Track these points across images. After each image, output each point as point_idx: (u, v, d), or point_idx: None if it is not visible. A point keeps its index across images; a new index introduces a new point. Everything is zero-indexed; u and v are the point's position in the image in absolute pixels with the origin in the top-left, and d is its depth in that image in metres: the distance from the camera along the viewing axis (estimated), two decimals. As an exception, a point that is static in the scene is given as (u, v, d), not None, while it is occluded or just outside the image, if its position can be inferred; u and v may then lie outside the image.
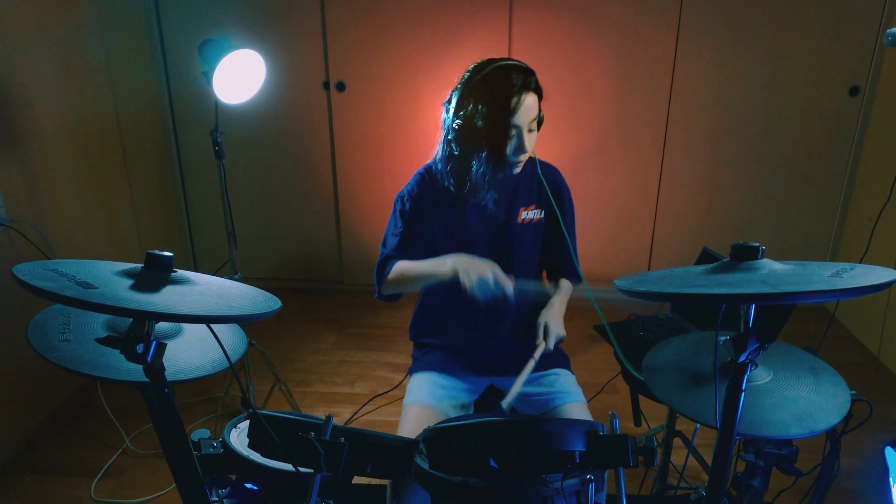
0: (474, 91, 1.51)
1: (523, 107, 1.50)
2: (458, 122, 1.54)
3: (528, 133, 1.54)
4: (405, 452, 1.16)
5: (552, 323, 1.63)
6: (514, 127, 1.51)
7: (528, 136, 1.55)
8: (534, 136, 1.57)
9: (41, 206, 2.42)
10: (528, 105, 1.51)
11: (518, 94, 1.48)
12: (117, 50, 2.88)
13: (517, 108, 1.49)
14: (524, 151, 1.55)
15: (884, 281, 0.82)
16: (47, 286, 0.73)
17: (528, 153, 1.57)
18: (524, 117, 1.51)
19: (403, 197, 1.68)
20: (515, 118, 1.50)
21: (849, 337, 3.19)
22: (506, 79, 1.49)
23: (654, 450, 1.05)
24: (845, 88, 3.08)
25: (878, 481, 2.14)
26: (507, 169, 1.59)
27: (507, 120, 1.50)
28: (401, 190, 1.70)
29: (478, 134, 1.52)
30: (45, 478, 2.19)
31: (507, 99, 1.48)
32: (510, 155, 1.55)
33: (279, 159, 3.38)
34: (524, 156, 1.57)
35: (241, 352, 1.19)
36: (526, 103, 1.50)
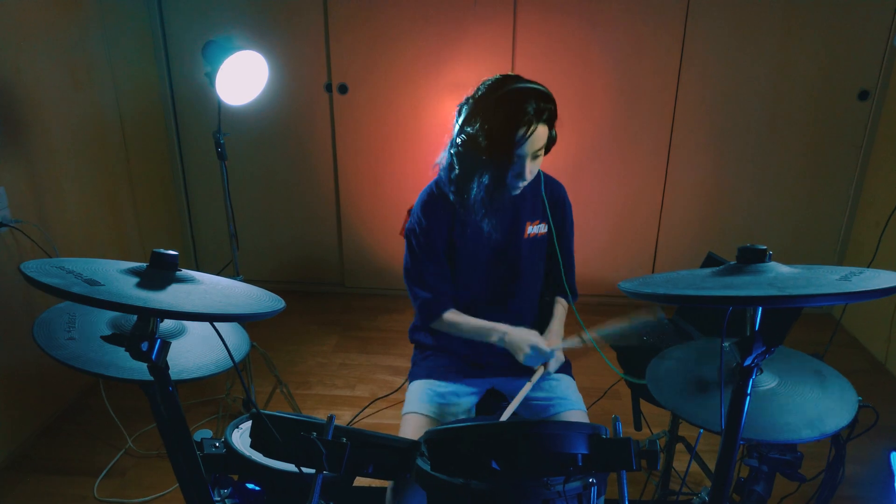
0: (485, 110, 1.47)
1: (531, 139, 1.45)
2: (462, 138, 1.52)
3: (531, 160, 1.50)
4: (407, 454, 1.16)
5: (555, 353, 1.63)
6: (517, 156, 1.48)
7: (532, 163, 1.51)
8: (538, 162, 1.54)
9: (45, 207, 2.42)
10: (537, 136, 1.46)
11: (528, 126, 1.44)
12: (121, 51, 2.89)
13: (524, 141, 1.45)
14: (524, 179, 1.52)
15: (893, 285, 0.81)
16: (55, 283, 0.73)
17: (528, 179, 1.54)
18: (529, 147, 1.47)
19: (414, 230, 1.66)
20: (520, 148, 1.46)
21: (855, 344, 3.17)
22: (520, 106, 1.43)
23: (657, 453, 1.04)
24: (854, 92, 3.07)
25: (883, 488, 2.14)
26: (505, 193, 1.57)
27: (512, 150, 1.45)
28: (409, 222, 1.69)
29: (480, 154, 1.49)
30: (48, 477, 2.19)
31: (516, 128, 1.43)
32: (510, 177, 1.52)
33: (281, 161, 3.39)
34: (524, 182, 1.54)
35: (243, 353, 1.20)
36: (535, 134, 1.45)
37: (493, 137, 1.45)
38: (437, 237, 1.64)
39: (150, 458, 2.28)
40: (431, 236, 1.64)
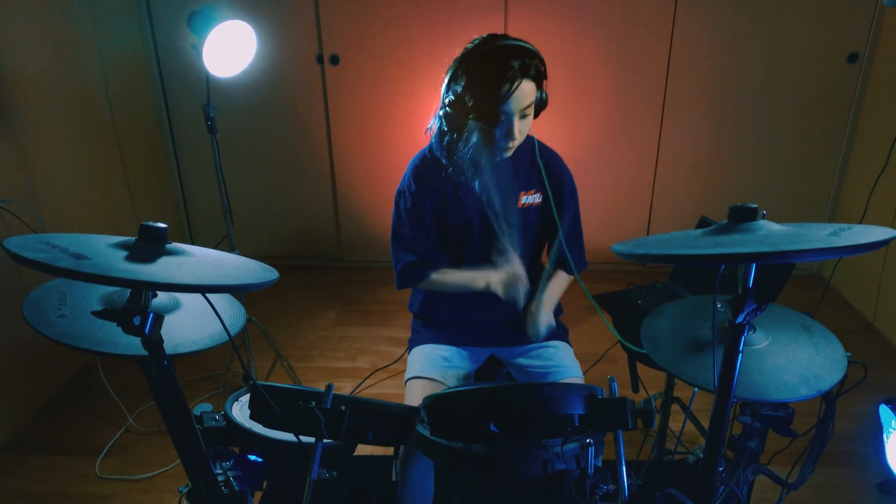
0: (470, 68, 1.45)
1: (516, 95, 1.43)
2: (449, 98, 1.50)
3: (519, 119, 1.48)
4: (406, 420, 1.17)
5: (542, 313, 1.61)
6: (502, 113, 1.45)
7: (520, 122, 1.48)
8: (528, 122, 1.51)
9: (33, 186, 2.40)
10: (523, 92, 1.43)
11: (512, 82, 1.41)
12: (105, 23, 2.83)
13: (509, 96, 1.42)
14: (513, 138, 1.49)
15: (881, 238, 0.81)
16: (39, 258, 0.73)
17: (518, 140, 1.51)
18: (516, 104, 1.44)
19: (403, 193, 1.65)
20: (506, 105, 1.44)
21: (844, 304, 3.21)
22: (504, 62, 1.41)
23: (653, 412, 1.06)
24: (844, 55, 3.05)
25: (872, 443, 2.19)
26: (496, 154, 1.54)
27: (497, 106, 1.43)
28: (400, 184, 1.67)
29: (467, 113, 1.47)
30: (49, 457, 2.21)
31: (500, 84, 1.41)
32: (498, 137, 1.49)
33: (274, 135, 3.36)
34: (514, 142, 1.51)
35: (239, 325, 1.19)
36: (520, 90, 1.43)
37: (478, 94, 1.44)
38: (426, 201, 1.63)
39: (151, 435, 2.30)
40: (420, 200, 1.63)
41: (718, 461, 1.05)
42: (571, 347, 1.76)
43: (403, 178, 1.66)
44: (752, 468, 1.34)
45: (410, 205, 1.63)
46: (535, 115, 1.54)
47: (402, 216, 1.66)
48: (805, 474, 1.33)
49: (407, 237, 1.66)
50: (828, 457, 2.13)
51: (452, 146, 1.55)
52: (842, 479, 2.08)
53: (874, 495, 2.02)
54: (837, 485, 2.06)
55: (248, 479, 1.24)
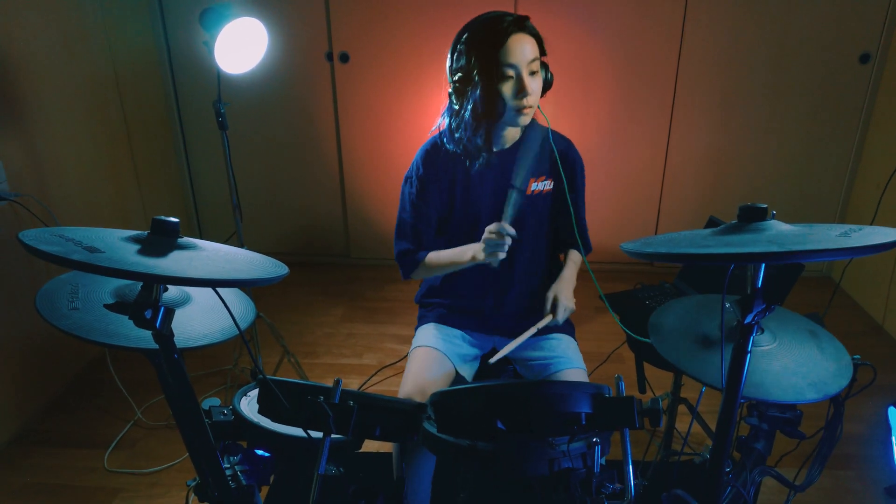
0: (467, 39, 1.48)
1: (517, 45, 1.44)
2: (454, 75, 1.51)
3: (528, 75, 1.47)
4: (413, 416, 1.18)
5: (562, 295, 1.63)
6: (509, 66, 1.45)
7: (530, 78, 1.47)
8: (538, 80, 1.50)
9: (44, 180, 2.42)
10: (523, 44, 1.45)
11: (508, 32, 1.44)
12: (116, 18, 2.85)
13: (508, 44, 1.44)
14: (526, 93, 1.46)
15: (892, 240, 0.81)
16: (54, 250, 0.73)
17: (532, 97, 1.49)
18: (520, 56, 1.45)
19: (410, 178, 1.66)
20: (509, 56, 1.44)
21: (853, 305, 3.19)
22: (497, 19, 1.46)
23: (660, 411, 1.06)
24: (855, 56, 3.03)
25: (881, 446, 2.17)
26: (511, 117, 1.51)
27: (497, 56, 1.44)
28: (408, 170, 1.68)
29: (471, 77, 1.48)
30: (58, 450, 2.23)
31: (497, 35, 1.44)
32: (510, 98, 1.48)
33: (283, 131, 3.37)
34: (528, 99, 1.48)
35: (249, 321, 1.20)
36: (520, 42, 1.45)
37: (480, 55, 1.46)
38: (433, 188, 1.63)
39: (159, 429, 2.32)
40: (426, 186, 1.63)
41: (725, 462, 1.05)
42: (576, 341, 1.76)
43: (412, 164, 1.67)
44: (759, 470, 1.33)
45: (415, 190, 1.64)
46: (542, 93, 1.54)
47: (405, 202, 1.67)
48: (812, 476, 1.32)
49: (406, 224, 1.67)
50: (835, 459, 2.12)
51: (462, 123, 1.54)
52: (849, 482, 2.07)
53: (882, 499, 2.01)
54: (845, 487, 2.05)
55: (255, 474, 1.25)
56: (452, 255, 1.63)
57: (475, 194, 1.64)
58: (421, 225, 1.66)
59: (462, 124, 1.54)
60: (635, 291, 2.11)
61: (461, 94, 1.52)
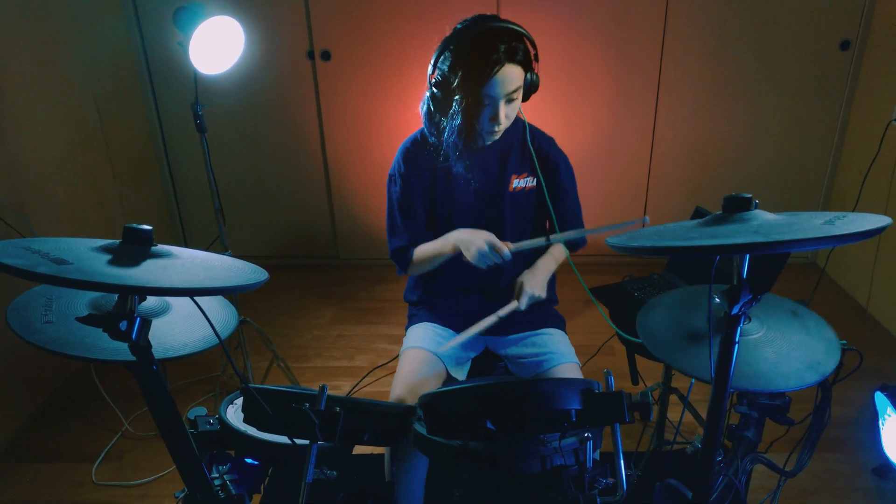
0: (456, 50, 1.44)
1: (500, 79, 1.41)
2: (436, 79, 1.48)
3: (505, 104, 1.46)
4: (402, 419, 1.16)
5: (528, 284, 1.60)
6: (487, 97, 1.44)
7: (507, 106, 1.47)
8: (515, 106, 1.50)
9: (20, 189, 2.37)
10: (508, 76, 1.42)
11: (495, 66, 1.40)
12: (89, 21, 2.80)
13: (492, 80, 1.41)
14: (499, 123, 1.47)
15: (876, 227, 0.81)
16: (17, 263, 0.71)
17: (504, 124, 1.50)
18: (501, 88, 1.43)
19: (394, 176, 1.66)
20: (491, 88, 1.42)
21: (838, 291, 3.21)
22: (489, 45, 1.40)
23: (650, 404, 1.05)
24: (836, 42, 3.04)
25: (868, 428, 2.19)
26: (480, 139, 1.53)
27: (481, 90, 1.42)
28: (391, 168, 1.67)
29: (451, 96, 1.46)
30: (43, 464, 2.19)
31: (484, 68, 1.40)
32: (483, 124, 1.48)
33: (266, 132, 3.33)
34: (499, 126, 1.49)
35: (231, 327, 1.18)
36: (505, 75, 1.41)
37: (463, 77, 1.42)
38: (416, 184, 1.63)
39: (147, 440, 2.29)
40: (409, 183, 1.63)
41: (716, 451, 1.05)
42: (567, 335, 1.75)
43: (394, 161, 1.66)
44: (751, 457, 1.33)
45: (399, 188, 1.64)
46: (525, 97, 1.53)
47: (392, 201, 1.66)
48: (802, 462, 1.33)
49: (396, 221, 1.67)
50: (824, 443, 2.14)
51: (438, 125, 1.54)
52: (838, 465, 2.09)
53: (870, 479, 2.03)
54: (834, 470, 2.07)
55: (245, 483, 1.23)
56: (436, 246, 1.62)
57: (455, 188, 1.63)
58: (410, 221, 1.65)
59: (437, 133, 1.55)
60: (624, 283, 2.11)
61: (438, 104, 1.51)
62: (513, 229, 1.67)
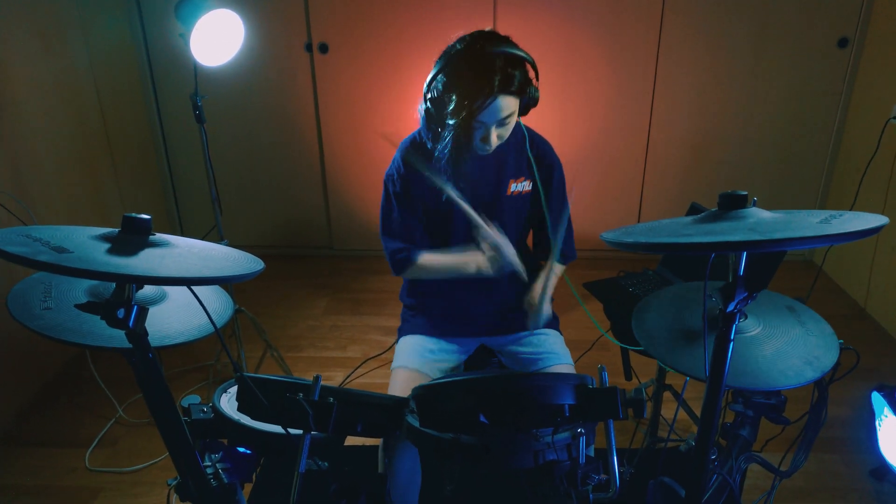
0: (452, 72, 1.41)
1: (492, 109, 1.39)
2: (431, 94, 1.46)
3: (496, 128, 1.45)
4: (395, 411, 1.17)
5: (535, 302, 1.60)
6: (478, 123, 1.43)
7: (499, 129, 1.46)
8: (508, 128, 1.48)
9: (21, 177, 2.37)
10: (501, 106, 1.40)
11: (489, 97, 1.37)
12: (92, 12, 2.79)
13: (484, 109, 1.39)
14: (489, 145, 1.47)
15: (872, 226, 0.81)
16: (19, 251, 0.71)
17: (496, 144, 1.49)
18: (492, 117, 1.42)
19: (392, 176, 1.63)
20: (485, 116, 1.41)
21: (836, 289, 3.22)
22: (483, 77, 1.37)
23: (643, 401, 1.05)
24: (834, 40, 3.04)
25: (864, 429, 2.20)
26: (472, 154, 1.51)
27: (471, 119, 1.40)
28: (388, 168, 1.65)
29: (443, 118, 1.45)
30: (38, 450, 2.19)
31: (476, 99, 1.38)
32: (475, 143, 1.48)
33: (263, 124, 3.32)
34: (490, 147, 1.48)
35: (227, 316, 1.18)
36: (498, 104, 1.40)
37: (456, 104, 1.40)
38: (415, 185, 1.61)
39: (141, 427, 2.29)
40: (408, 184, 1.61)
41: (710, 450, 1.05)
42: (562, 335, 1.76)
43: (393, 161, 1.65)
44: (745, 456, 1.34)
45: (399, 188, 1.62)
46: (523, 112, 1.51)
47: (391, 200, 1.64)
48: (798, 462, 1.33)
49: (395, 222, 1.64)
50: (820, 442, 2.14)
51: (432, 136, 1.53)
52: (834, 465, 2.10)
53: (867, 481, 2.03)
54: (830, 470, 2.08)
55: (237, 472, 1.23)
56: (454, 262, 1.60)
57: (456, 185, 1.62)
58: (411, 221, 1.63)
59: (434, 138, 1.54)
60: (618, 279, 2.11)
61: (431, 120, 1.50)
62: (508, 232, 1.66)
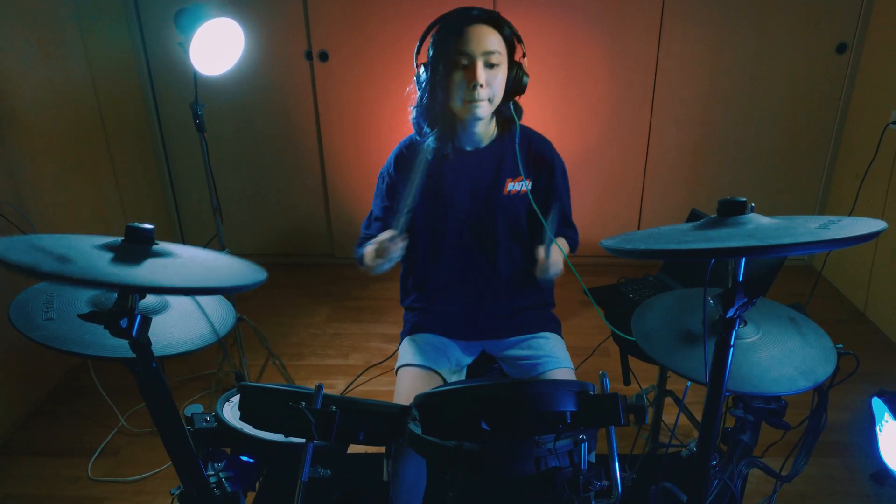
0: (436, 28, 1.49)
1: (476, 34, 1.42)
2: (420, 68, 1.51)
3: (484, 67, 1.44)
4: (397, 419, 1.17)
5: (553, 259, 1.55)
6: (463, 55, 1.43)
7: (486, 70, 1.44)
8: (497, 75, 1.46)
9: (21, 186, 2.37)
10: (483, 34, 1.43)
11: (469, 21, 1.43)
12: (92, 21, 2.80)
13: (468, 33, 1.42)
14: (476, 84, 1.42)
15: (871, 231, 0.81)
16: (22, 260, 0.71)
17: (486, 90, 1.45)
18: (476, 45, 1.42)
19: (384, 173, 1.67)
20: (464, 44, 1.42)
21: (836, 294, 3.22)
22: (465, 11, 1.46)
23: (645, 407, 1.05)
24: (832, 46, 3.06)
25: (865, 433, 2.20)
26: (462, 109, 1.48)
27: (454, 48, 1.43)
28: (384, 165, 1.68)
29: (434, 67, 1.48)
30: (40, 459, 2.19)
31: (458, 24, 1.44)
32: (461, 88, 1.45)
33: (264, 132, 3.34)
34: (479, 92, 1.44)
35: (229, 325, 1.18)
36: (479, 31, 1.43)
37: (439, 41, 1.46)
38: (403, 185, 1.61)
39: (143, 436, 2.29)
40: (395, 182, 1.64)
41: (712, 455, 1.05)
42: (563, 339, 1.75)
43: (388, 158, 1.68)
44: (746, 461, 1.34)
45: (385, 186, 1.65)
46: (510, 95, 1.52)
47: (377, 196, 1.68)
48: (798, 466, 1.33)
49: (370, 215, 1.69)
50: (821, 447, 2.14)
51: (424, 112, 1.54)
52: (835, 470, 2.10)
53: (868, 485, 2.03)
54: (831, 475, 2.08)
55: (240, 480, 1.23)
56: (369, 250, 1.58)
57: (448, 191, 1.62)
58: (385, 216, 1.66)
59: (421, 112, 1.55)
60: (619, 285, 2.11)
61: (422, 85, 1.53)
62: (504, 233, 1.66)
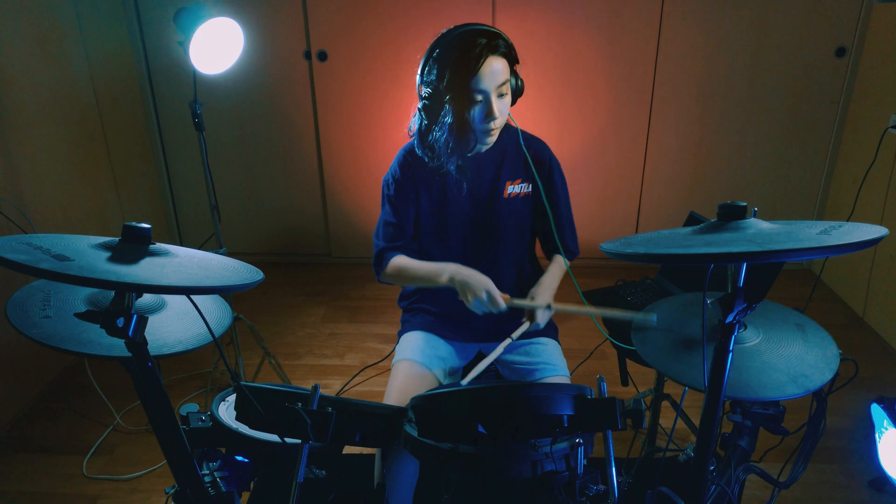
0: (439, 56, 1.46)
1: (488, 69, 1.43)
2: (425, 89, 1.49)
3: (497, 98, 1.47)
4: (393, 421, 1.16)
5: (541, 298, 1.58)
6: (479, 92, 1.45)
7: (499, 101, 1.47)
8: (506, 102, 1.50)
9: (20, 184, 2.37)
10: (495, 68, 1.44)
11: (480, 57, 1.42)
12: (92, 20, 2.80)
13: (480, 70, 1.42)
14: (494, 117, 1.48)
15: (872, 237, 0.81)
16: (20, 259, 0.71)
17: (499, 119, 1.49)
18: (490, 81, 1.44)
19: (388, 181, 1.65)
20: (479, 82, 1.43)
21: (835, 299, 3.22)
22: (470, 41, 1.43)
23: (642, 412, 1.05)
24: (832, 49, 3.06)
25: (864, 439, 2.19)
26: (477, 138, 1.51)
27: (468, 83, 1.43)
28: (387, 172, 1.67)
29: (443, 100, 1.46)
30: (35, 456, 2.19)
31: (470, 61, 1.42)
32: (478, 122, 1.48)
33: (262, 131, 3.33)
34: (495, 122, 1.49)
35: (225, 325, 1.18)
36: (491, 66, 1.43)
37: (450, 77, 1.44)
38: (409, 190, 1.63)
39: (138, 434, 2.28)
40: (402, 187, 1.63)
41: (709, 461, 1.05)
42: (560, 345, 1.75)
43: (391, 165, 1.66)
44: (744, 467, 1.33)
45: (393, 192, 1.64)
46: (512, 101, 1.53)
47: (385, 205, 1.66)
48: (796, 473, 1.33)
49: (383, 224, 1.66)
50: (819, 453, 2.14)
51: (431, 136, 1.54)
52: (833, 476, 2.09)
53: (866, 492, 2.03)
54: (829, 481, 2.07)
55: (235, 480, 1.23)
56: (427, 269, 1.59)
57: (450, 197, 1.63)
58: (402, 222, 1.65)
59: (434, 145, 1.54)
60: (616, 288, 2.11)
61: (430, 112, 1.51)
62: (507, 236, 1.67)
